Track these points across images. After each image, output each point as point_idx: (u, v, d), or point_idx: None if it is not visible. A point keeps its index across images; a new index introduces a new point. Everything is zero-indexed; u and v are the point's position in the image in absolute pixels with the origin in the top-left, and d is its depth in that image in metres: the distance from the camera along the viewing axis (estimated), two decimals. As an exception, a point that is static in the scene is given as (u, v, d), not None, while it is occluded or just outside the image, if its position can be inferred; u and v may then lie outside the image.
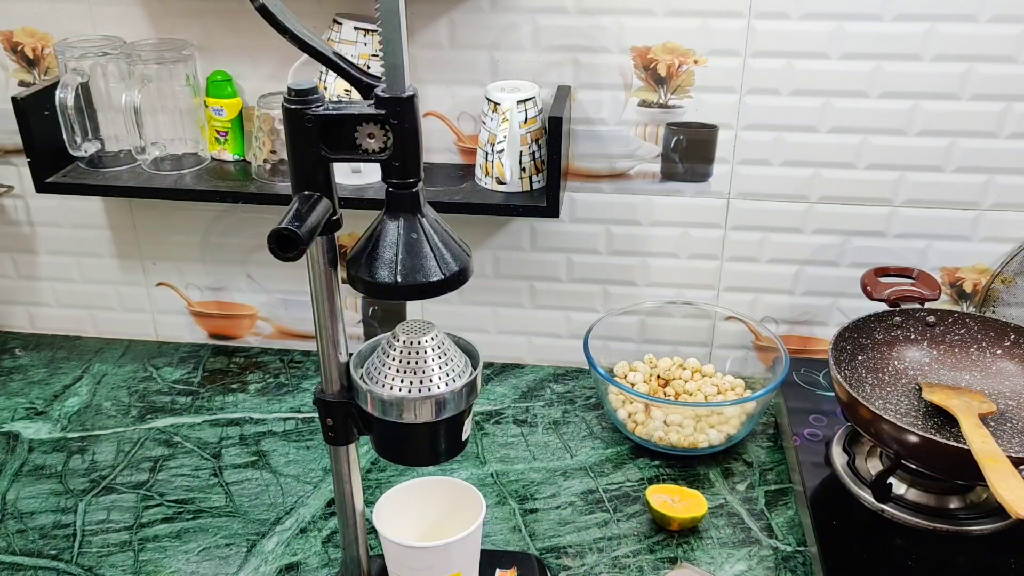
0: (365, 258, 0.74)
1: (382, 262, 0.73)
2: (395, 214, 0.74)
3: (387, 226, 0.74)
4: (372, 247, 0.74)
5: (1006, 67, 1.14)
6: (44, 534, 1.10)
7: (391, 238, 0.74)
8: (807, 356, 1.36)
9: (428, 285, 0.74)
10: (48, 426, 1.29)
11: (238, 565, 1.05)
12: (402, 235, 0.73)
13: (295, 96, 0.69)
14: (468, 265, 0.76)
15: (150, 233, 1.42)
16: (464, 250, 0.77)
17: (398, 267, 0.73)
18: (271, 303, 1.45)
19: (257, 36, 1.24)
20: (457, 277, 0.75)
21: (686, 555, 1.06)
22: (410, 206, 0.74)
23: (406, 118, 0.69)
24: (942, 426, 1.07)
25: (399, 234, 0.74)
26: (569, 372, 1.42)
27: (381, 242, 0.74)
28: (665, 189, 1.27)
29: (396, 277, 0.73)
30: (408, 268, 0.73)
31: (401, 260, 0.73)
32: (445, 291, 0.75)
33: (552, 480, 1.18)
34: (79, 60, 1.22)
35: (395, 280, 0.73)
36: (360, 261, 0.74)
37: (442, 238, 0.75)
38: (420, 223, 0.74)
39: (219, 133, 1.28)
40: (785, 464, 1.21)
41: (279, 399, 1.35)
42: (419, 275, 0.73)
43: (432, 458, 0.85)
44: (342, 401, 0.82)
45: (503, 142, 1.16)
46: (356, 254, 0.75)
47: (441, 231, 0.75)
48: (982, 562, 1.00)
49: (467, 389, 0.79)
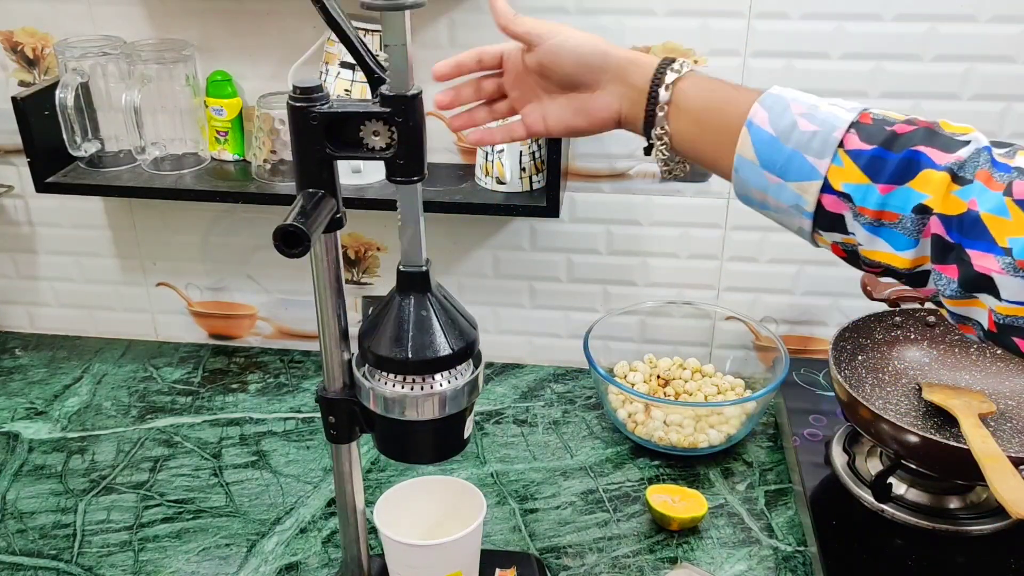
0: (378, 334, 0.77)
1: (394, 338, 0.76)
2: (406, 293, 0.78)
3: (399, 304, 0.78)
4: (384, 323, 0.77)
5: (1006, 67, 1.15)
6: (44, 534, 1.10)
7: (403, 315, 0.77)
8: (807, 356, 1.36)
9: (438, 360, 0.77)
10: (48, 426, 1.29)
11: (238, 565, 1.05)
12: (412, 312, 0.77)
13: (300, 94, 0.69)
14: (475, 338, 0.80)
15: (150, 233, 1.42)
16: (471, 323, 0.80)
17: (409, 343, 0.76)
18: (271, 303, 1.45)
19: (257, 36, 1.24)
20: (465, 351, 0.78)
21: (686, 555, 1.06)
22: (420, 285, 0.78)
23: (411, 116, 0.70)
24: (942, 426, 1.07)
25: (410, 311, 0.77)
26: (569, 372, 1.42)
27: (393, 319, 0.77)
28: (665, 189, 1.28)
29: (407, 353, 0.76)
30: (418, 344, 0.76)
31: (412, 336, 0.76)
32: (455, 365, 0.78)
33: (552, 480, 1.18)
34: (79, 60, 1.22)
35: (407, 356, 0.76)
36: (373, 336, 0.78)
37: (450, 315, 0.78)
38: (429, 301, 0.78)
39: (219, 133, 1.28)
40: (785, 464, 1.21)
41: (279, 399, 1.35)
42: (429, 351, 0.76)
43: (434, 456, 0.85)
44: (344, 399, 0.82)
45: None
46: (369, 329, 0.79)
47: (449, 308, 0.79)
48: (982, 562, 1.00)
49: (469, 387, 0.79)
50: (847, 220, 0.68)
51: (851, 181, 0.67)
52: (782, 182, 0.70)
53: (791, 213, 0.71)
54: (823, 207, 0.69)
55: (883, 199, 0.66)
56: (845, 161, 0.67)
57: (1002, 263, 0.62)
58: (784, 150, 0.69)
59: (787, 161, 0.69)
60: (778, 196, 0.71)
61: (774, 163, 0.70)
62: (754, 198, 0.74)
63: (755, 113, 0.71)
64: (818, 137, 0.68)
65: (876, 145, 0.66)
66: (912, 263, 0.67)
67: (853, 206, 0.67)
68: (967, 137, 0.65)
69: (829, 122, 0.68)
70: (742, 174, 0.72)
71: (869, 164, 0.66)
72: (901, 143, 0.66)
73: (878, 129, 0.67)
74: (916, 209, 0.65)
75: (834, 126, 0.68)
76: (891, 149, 0.66)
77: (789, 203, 0.70)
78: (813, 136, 0.68)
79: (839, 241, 0.71)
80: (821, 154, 0.68)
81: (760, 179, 0.71)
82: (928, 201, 0.64)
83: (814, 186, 0.68)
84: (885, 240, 0.67)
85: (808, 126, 0.68)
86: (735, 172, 0.73)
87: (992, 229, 0.62)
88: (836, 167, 0.67)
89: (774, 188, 0.71)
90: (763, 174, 0.71)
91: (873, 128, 0.67)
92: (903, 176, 0.65)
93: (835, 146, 0.67)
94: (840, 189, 0.67)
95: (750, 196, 0.74)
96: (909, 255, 0.67)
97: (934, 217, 0.64)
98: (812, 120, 0.69)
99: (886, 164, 0.66)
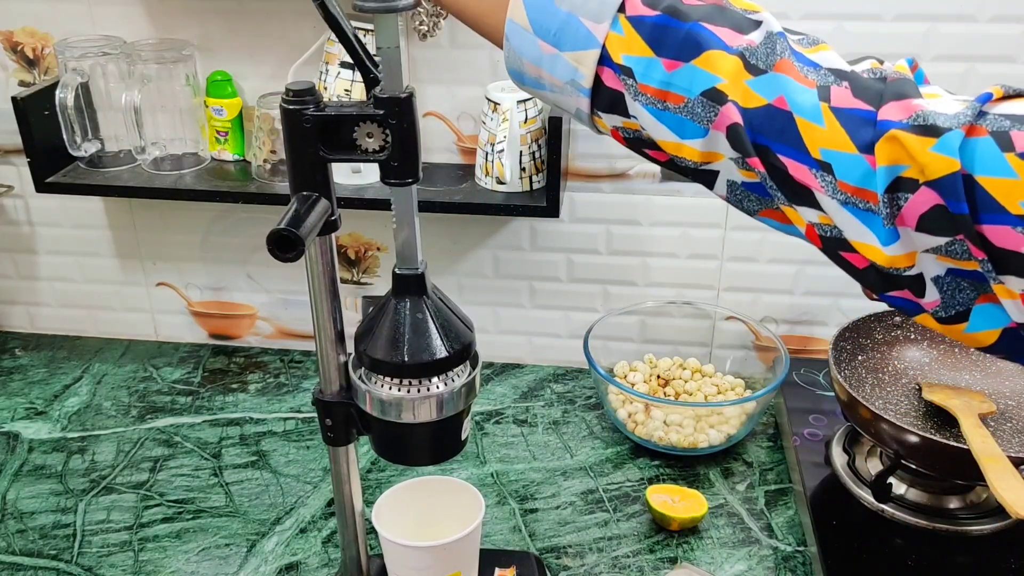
0: (373, 337, 0.77)
1: (390, 341, 0.76)
2: (402, 295, 0.77)
3: (394, 307, 0.77)
4: (380, 327, 0.77)
5: (1006, 67, 1.14)
6: (44, 534, 1.10)
7: (399, 318, 0.77)
8: (807, 356, 1.36)
9: (434, 363, 0.76)
10: (48, 426, 1.29)
11: (238, 565, 1.05)
12: (408, 315, 0.77)
13: (293, 96, 0.69)
14: (472, 340, 0.79)
15: (150, 233, 1.42)
16: (467, 326, 0.80)
17: (405, 347, 0.76)
18: (271, 303, 1.45)
19: (257, 36, 1.24)
20: (462, 354, 0.78)
21: (686, 555, 1.06)
22: (416, 288, 0.77)
23: (404, 118, 0.69)
24: (942, 426, 1.07)
25: (406, 315, 0.77)
26: (569, 372, 1.42)
27: (388, 322, 0.77)
28: (665, 189, 1.27)
29: (404, 356, 0.76)
30: (415, 347, 0.76)
31: (408, 340, 0.76)
32: (451, 368, 0.78)
33: (552, 480, 1.18)
34: (79, 60, 1.22)
35: (403, 359, 0.76)
36: (369, 339, 0.77)
37: (446, 317, 0.78)
38: (425, 303, 0.77)
39: (219, 133, 1.28)
40: (785, 464, 1.21)
41: (279, 399, 1.35)
42: (425, 354, 0.76)
43: (431, 458, 0.85)
44: (341, 401, 0.82)
45: (503, 142, 1.16)
46: (364, 332, 0.78)
47: (445, 310, 0.78)
48: (982, 562, 1.00)
49: (466, 389, 0.79)
50: (627, 100, 0.60)
51: (633, 53, 0.58)
52: (557, 52, 0.60)
53: (567, 91, 0.62)
54: (601, 82, 0.60)
55: (668, 76, 0.57)
56: (626, 28, 0.58)
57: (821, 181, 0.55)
58: (558, 13, 0.59)
59: (562, 26, 0.59)
60: (552, 70, 0.61)
61: (547, 29, 0.60)
62: (527, 74, 0.63)
63: None
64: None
65: (660, 12, 0.57)
66: (702, 156, 0.59)
67: (634, 82, 0.59)
68: (758, 16, 0.58)
69: None
70: (513, 43, 0.62)
71: (653, 34, 0.57)
72: (686, 14, 0.57)
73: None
74: (707, 93, 0.57)
75: None
76: (677, 18, 0.57)
77: (565, 79, 0.61)
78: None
79: (619, 126, 0.62)
80: (599, 18, 0.58)
81: (534, 49, 0.61)
82: (722, 86, 0.56)
83: (591, 56, 0.59)
84: (669, 127, 0.59)
85: None
86: (507, 41, 0.62)
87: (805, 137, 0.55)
88: (616, 35, 0.58)
89: (548, 60, 0.61)
90: (537, 43, 0.61)
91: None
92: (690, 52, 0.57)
93: (614, 9, 0.58)
94: (620, 62, 0.58)
95: (523, 72, 0.63)
96: (698, 145, 0.59)
97: (730, 105, 0.56)
98: None
99: (672, 35, 0.57)
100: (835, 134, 0.54)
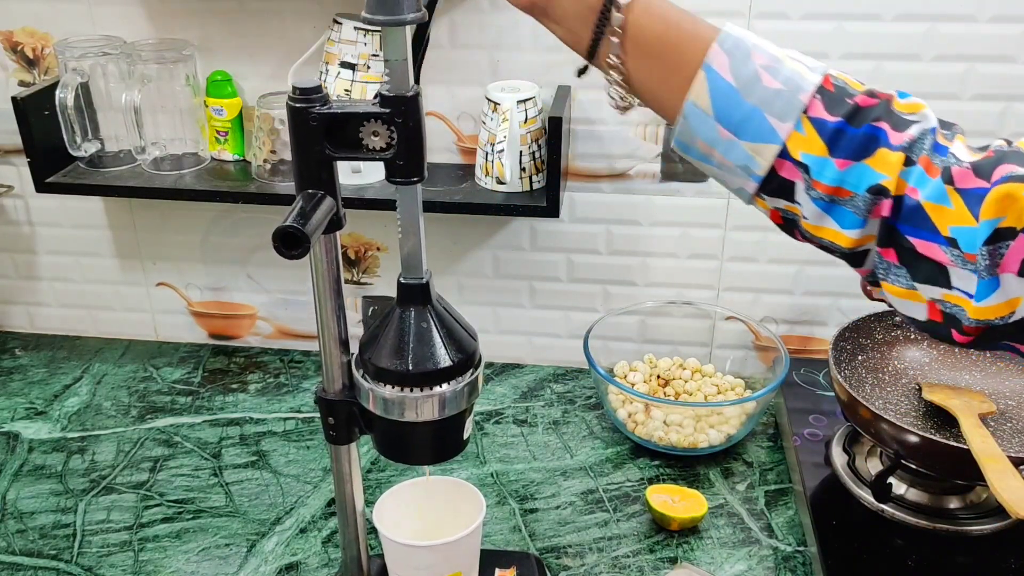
0: (378, 345, 0.77)
1: (394, 350, 0.77)
2: (407, 305, 0.78)
3: (399, 316, 0.78)
4: (385, 335, 0.78)
5: (1006, 67, 1.15)
6: (44, 534, 1.10)
7: (403, 327, 0.77)
8: (807, 356, 1.36)
9: (438, 372, 0.77)
10: (48, 426, 1.29)
11: (238, 565, 1.05)
12: (413, 324, 0.77)
13: (300, 95, 0.69)
14: (475, 349, 0.80)
15: (150, 233, 1.42)
16: (471, 334, 0.80)
17: (409, 355, 0.76)
18: (271, 303, 1.45)
19: (257, 36, 1.24)
20: (465, 363, 0.78)
21: (686, 555, 1.06)
22: (421, 297, 0.78)
23: (410, 117, 0.69)
24: (942, 426, 1.07)
25: (410, 323, 0.77)
26: (569, 372, 1.42)
27: (394, 331, 0.77)
28: (665, 189, 1.27)
29: (408, 365, 0.76)
30: (419, 356, 0.76)
31: (412, 348, 0.76)
32: (455, 377, 0.78)
33: (552, 480, 1.18)
34: (79, 60, 1.22)
35: (407, 368, 0.76)
36: (373, 348, 0.78)
37: (450, 327, 0.78)
38: (430, 313, 0.78)
39: (219, 133, 1.28)
40: (785, 464, 1.21)
41: (279, 399, 1.35)
42: (429, 363, 0.76)
43: (433, 456, 0.85)
44: (344, 400, 0.82)
45: (503, 142, 1.16)
46: (369, 340, 0.79)
47: (449, 319, 0.79)
48: (982, 562, 1.00)
49: (468, 388, 0.79)
50: (797, 189, 0.64)
51: (811, 152, 0.62)
52: (735, 139, 0.64)
53: (736, 172, 0.66)
54: (775, 172, 0.64)
55: (840, 175, 0.62)
56: (808, 129, 0.62)
57: (949, 255, 0.60)
58: (744, 105, 0.63)
59: (745, 117, 0.63)
60: (726, 153, 0.65)
61: (730, 117, 0.64)
62: (697, 149, 0.67)
63: (714, 56, 0.64)
64: (782, 97, 0.62)
65: (840, 117, 0.62)
66: (856, 243, 0.64)
67: (808, 178, 0.63)
68: (916, 116, 0.62)
69: (795, 82, 0.63)
70: (691, 123, 0.65)
71: (832, 137, 0.62)
72: (862, 117, 0.62)
73: (841, 98, 0.63)
74: (872, 189, 0.61)
75: (800, 87, 0.63)
76: (853, 123, 0.62)
77: (737, 163, 0.65)
78: (777, 95, 0.62)
79: (781, 208, 0.66)
80: (784, 116, 0.62)
81: (711, 132, 0.65)
82: (885, 182, 0.61)
83: (771, 149, 0.63)
84: (833, 218, 0.64)
85: (772, 82, 0.63)
86: (683, 119, 0.66)
87: (934, 218, 0.60)
88: (798, 134, 0.62)
89: (724, 143, 0.65)
90: (716, 127, 0.64)
91: (836, 96, 0.63)
92: (862, 153, 0.62)
93: (800, 110, 0.62)
94: (798, 158, 0.63)
95: (692, 147, 0.67)
96: (855, 234, 0.63)
97: (887, 199, 0.61)
98: (776, 76, 0.63)
99: (848, 139, 0.62)
100: (962, 212, 0.60)
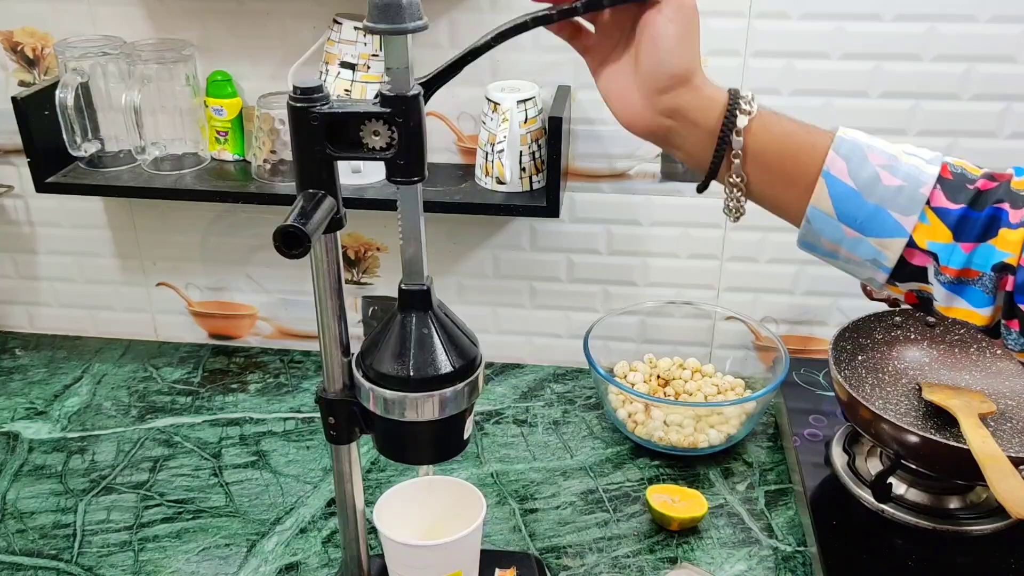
0: (379, 351, 0.78)
1: (395, 356, 0.77)
2: (408, 311, 0.78)
3: (401, 321, 0.78)
4: (386, 341, 0.78)
5: (1006, 67, 1.15)
6: (44, 534, 1.10)
7: (404, 333, 0.77)
8: (807, 356, 1.36)
9: (438, 377, 0.77)
10: (48, 426, 1.29)
11: (238, 565, 1.05)
12: (414, 330, 0.77)
13: (301, 94, 0.69)
14: (476, 355, 0.80)
15: (150, 233, 1.41)
16: (472, 340, 0.80)
17: (411, 361, 0.76)
18: (271, 303, 1.45)
19: (257, 36, 1.24)
20: (466, 369, 0.78)
21: (686, 555, 1.06)
22: (422, 303, 0.78)
23: (411, 116, 0.69)
24: (942, 426, 1.07)
25: (411, 329, 0.77)
26: (569, 372, 1.42)
27: (395, 337, 0.77)
28: (665, 189, 1.27)
29: (409, 371, 0.76)
30: (420, 362, 0.76)
31: (414, 355, 0.76)
32: (456, 383, 0.78)
33: (552, 480, 1.18)
34: (79, 60, 1.22)
35: (408, 374, 0.76)
36: (374, 353, 0.78)
37: (451, 333, 0.78)
38: (431, 319, 0.78)
39: (219, 133, 1.28)
40: (785, 464, 1.21)
41: (279, 399, 1.35)
42: (430, 369, 0.77)
43: (434, 456, 0.85)
44: (344, 400, 0.82)
45: (503, 142, 1.16)
46: (370, 346, 0.79)
47: (450, 325, 0.79)
48: (982, 562, 1.00)
49: (469, 388, 0.79)
50: (929, 274, 0.68)
51: (937, 240, 0.66)
52: (860, 236, 0.68)
53: (865, 266, 0.70)
54: (906, 261, 0.68)
55: (967, 257, 0.65)
56: (932, 219, 0.66)
57: None
58: (866, 205, 0.67)
59: (869, 217, 0.67)
60: (853, 249, 0.69)
61: (854, 218, 0.68)
62: (823, 248, 0.71)
63: (832, 163, 0.68)
64: (904, 193, 0.66)
65: (963, 204, 0.66)
66: (990, 319, 0.67)
67: (936, 264, 0.66)
68: None
69: (914, 176, 0.66)
70: (815, 225, 0.70)
71: (957, 224, 0.65)
72: (984, 201, 0.65)
73: (962, 185, 0.66)
74: (996, 267, 0.65)
75: (920, 181, 0.66)
76: (975, 208, 0.65)
77: (865, 257, 0.69)
78: (899, 192, 0.66)
79: (915, 290, 0.70)
80: (907, 211, 0.66)
81: (835, 232, 0.69)
82: (1010, 259, 0.64)
83: (898, 243, 0.67)
84: (964, 299, 0.67)
85: (892, 180, 0.67)
86: (807, 222, 0.70)
87: None
88: (923, 225, 0.66)
89: (850, 242, 0.69)
90: (840, 227, 0.68)
91: (955, 183, 0.66)
92: (985, 234, 0.65)
93: (923, 203, 0.66)
94: (925, 247, 0.66)
95: (818, 246, 0.72)
96: (987, 312, 0.67)
97: (1011, 275, 0.65)
98: (895, 173, 0.67)
99: (972, 224, 0.65)
100: None
